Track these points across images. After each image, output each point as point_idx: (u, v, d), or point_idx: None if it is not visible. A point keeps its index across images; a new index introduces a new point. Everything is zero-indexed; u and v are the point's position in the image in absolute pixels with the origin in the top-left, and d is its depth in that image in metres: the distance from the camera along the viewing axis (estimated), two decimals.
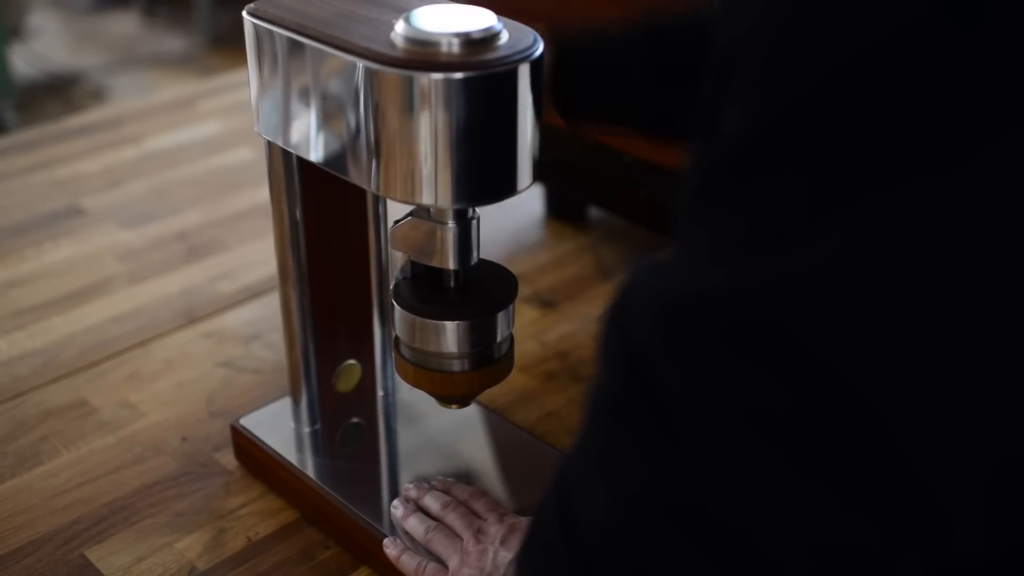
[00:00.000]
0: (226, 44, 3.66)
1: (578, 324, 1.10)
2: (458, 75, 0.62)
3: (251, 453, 0.89)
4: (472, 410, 0.91)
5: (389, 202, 0.85)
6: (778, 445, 0.39)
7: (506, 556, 0.72)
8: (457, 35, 0.63)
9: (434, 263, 0.72)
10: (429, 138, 0.64)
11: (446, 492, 0.80)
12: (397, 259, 0.75)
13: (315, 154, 0.72)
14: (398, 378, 0.81)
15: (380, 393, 0.93)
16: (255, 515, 0.86)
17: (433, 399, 0.78)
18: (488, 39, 0.64)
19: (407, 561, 0.76)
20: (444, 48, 0.63)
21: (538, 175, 0.70)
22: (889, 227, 0.36)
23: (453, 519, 0.77)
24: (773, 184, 0.39)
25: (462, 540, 0.75)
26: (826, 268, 0.37)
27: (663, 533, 0.42)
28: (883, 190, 0.36)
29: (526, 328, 1.08)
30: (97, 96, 3.38)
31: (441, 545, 0.76)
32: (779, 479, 0.39)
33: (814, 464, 0.39)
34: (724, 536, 0.41)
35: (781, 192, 0.39)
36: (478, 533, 0.75)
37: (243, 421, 0.90)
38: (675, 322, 0.41)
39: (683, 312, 0.41)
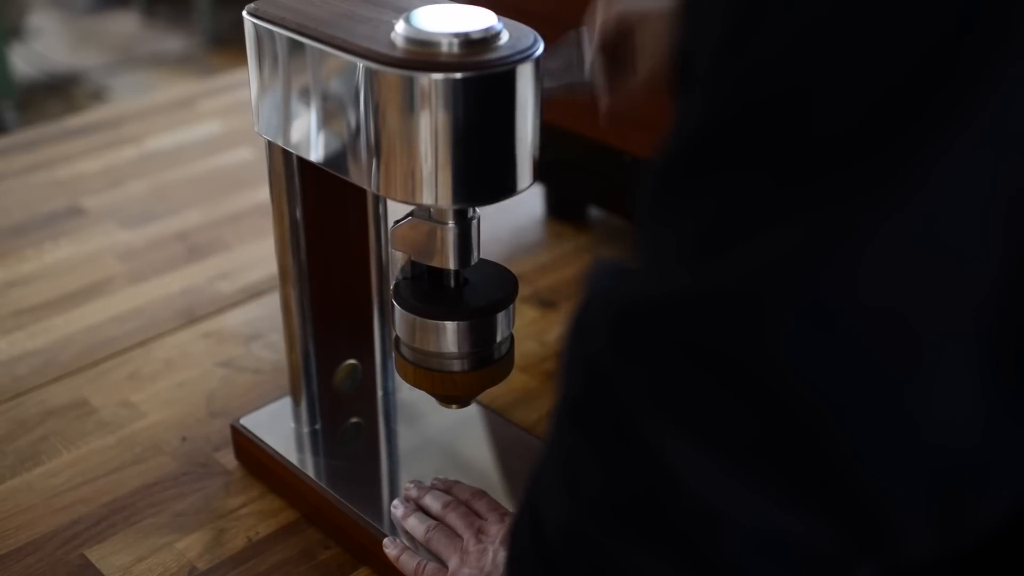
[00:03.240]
0: (226, 44, 3.66)
1: None
2: (458, 75, 0.62)
3: (251, 453, 0.89)
4: (472, 410, 0.91)
5: (389, 202, 0.85)
6: (730, 450, 0.39)
7: None
8: (457, 35, 0.63)
9: (434, 263, 0.72)
10: (429, 138, 0.64)
11: (446, 492, 0.80)
12: (397, 259, 0.75)
13: (315, 154, 0.72)
14: (398, 378, 0.81)
15: (380, 393, 0.93)
16: (255, 515, 0.86)
17: (433, 399, 0.78)
18: (488, 39, 0.64)
19: (407, 561, 0.76)
20: (444, 48, 0.63)
21: (538, 175, 0.70)
22: (838, 212, 0.37)
23: (453, 519, 0.77)
24: (728, 180, 0.39)
25: (462, 540, 0.75)
26: (777, 266, 0.37)
27: (618, 536, 0.42)
28: (830, 175, 0.37)
29: (526, 328, 1.08)
30: (97, 96, 3.38)
31: (441, 545, 0.76)
32: (730, 482, 0.39)
33: (765, 468, 0.39)
34: (677, 539, 0.41)
35: (737, 188, 0.39)
36: (478, 533, 0.75)
37: (243, 421, 0.90)
38: (628, 328, 0.41)
39: (635, 318, 0.41)
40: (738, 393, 0.38)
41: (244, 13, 0.73)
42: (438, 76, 0.63)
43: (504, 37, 0.65)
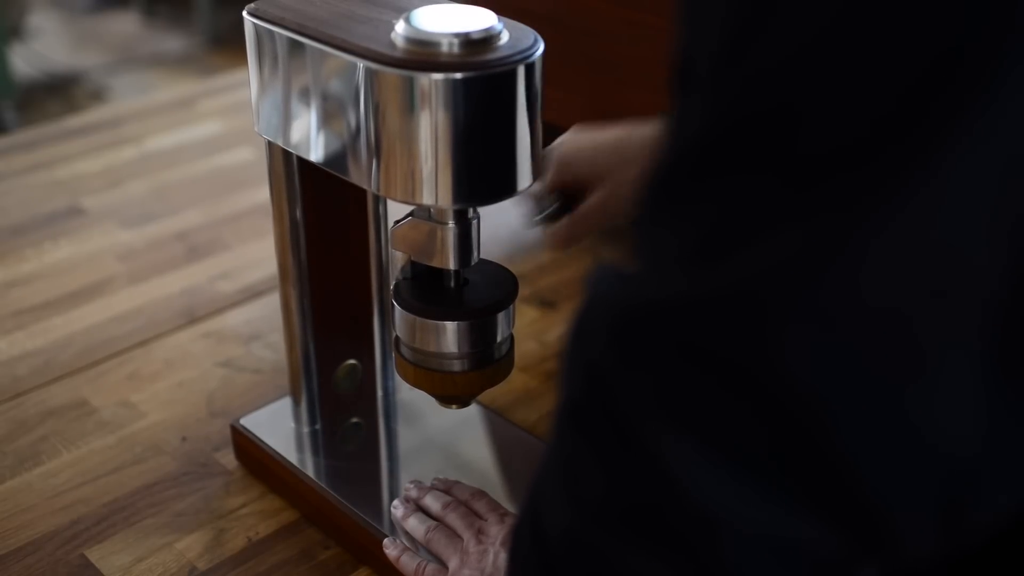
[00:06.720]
0: (226, 44, 3.66)
1: None
2: (458, 75, 0.62)
3: (251, 453, 0.89)
4: (472, 410, 0.91)
5: (389, 202, 0.85)
6: (729, 453, 0.39)
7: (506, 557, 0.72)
8: (457, 35, 0.63)
9: (434, 263, 0.72)
10: (429, 138, 0.64)
11: (446, 492, 0.80)
12: (397, 259, 0.75)
13: (315, 154, 0.72)
14: (398, 378, 0.81)
15: (380, 393, 0.93)
16: (255, 515, 0.86)
17: (433, 399, 0.78)
18: (488, 39, 0.64)
19: (407, 561, 0.76)
20: (444, 48, 0.63)
21: (538, 175, 0.70)
22: (840, 217, 0.37)
23: (453, 519, 0.77)
24: (730, 185, 0.39)
25: (462, 540, 0.75)
26: (778, 269, 0.37)
27: (619, 541, 0.42)
28: (831, 179, 0.37)
29: (526, 328, 1.08)
30: (97, 96, 3.38)
31: (441, 545, 0.76)
32: (729, 485, 0.39)
33: (765, 471, 0.39)
34: (678, 544, 0.41)
35: (739, 192, 0.39)
36: (479, 533, 0.75)
37: (243, 421, 0.90)
38: (628, 332, 0.41)
39: (636, 322, 0.41)
40: (739, 397, 0.38)
41: (244, 13, 0.73)
42: (438, 76, 0.63)
43: (504, 37, 0.65)
